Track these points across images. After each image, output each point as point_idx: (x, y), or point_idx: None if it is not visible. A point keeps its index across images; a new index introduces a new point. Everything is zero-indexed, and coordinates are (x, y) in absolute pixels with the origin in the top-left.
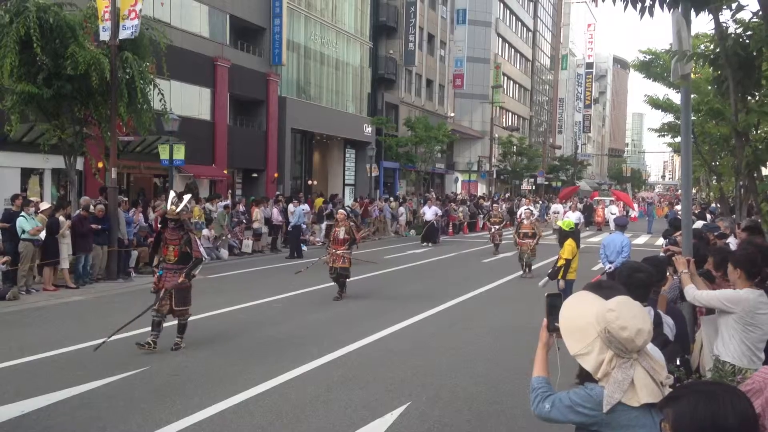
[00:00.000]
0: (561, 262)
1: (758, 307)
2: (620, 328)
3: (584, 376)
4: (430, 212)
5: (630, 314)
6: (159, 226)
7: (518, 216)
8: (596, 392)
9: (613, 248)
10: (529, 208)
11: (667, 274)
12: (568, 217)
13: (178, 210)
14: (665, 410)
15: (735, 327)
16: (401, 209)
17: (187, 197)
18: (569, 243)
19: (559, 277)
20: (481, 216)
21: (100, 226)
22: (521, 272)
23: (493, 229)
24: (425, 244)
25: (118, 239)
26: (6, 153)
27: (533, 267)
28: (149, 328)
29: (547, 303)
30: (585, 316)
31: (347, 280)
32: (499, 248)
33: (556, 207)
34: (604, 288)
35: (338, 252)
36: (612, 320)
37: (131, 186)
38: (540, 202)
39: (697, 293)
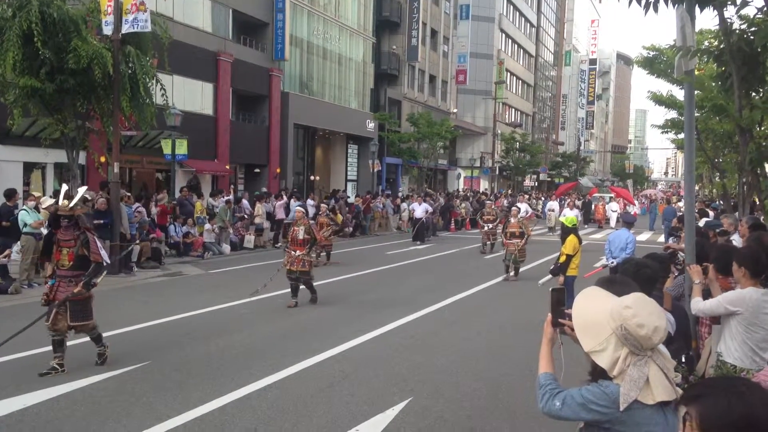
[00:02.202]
0: (562, 259)
1: (762, 307)
2: (637, 326)
3: (598, 374)
4: (420, 209)
5: (647, 312)
6: (49, 225)
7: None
8: (611, 390)
9: (617, 244)
10: (516, 206)
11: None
12: (566, 214)
13: (72, 204)
14: (688, 409)
15: (737, 328)
16: (403, 205)
17: (82, 189)
18: (571, 239)
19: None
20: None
21: (102, 221)
22: (504, 275)
23: (485, 228)
24: (417, 242)
25: (120, 234)
26: (8, 147)
27: (522, 269)
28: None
29: (552, 298)
30: (599, 312)
31: (314, 283)
32: (494, 247)
33: (551, 204)
34: (617, 283)
35: (297, 254)
36: (629, 317)
37: (134, 180)
38: (542, 198)
39: (701, 305)
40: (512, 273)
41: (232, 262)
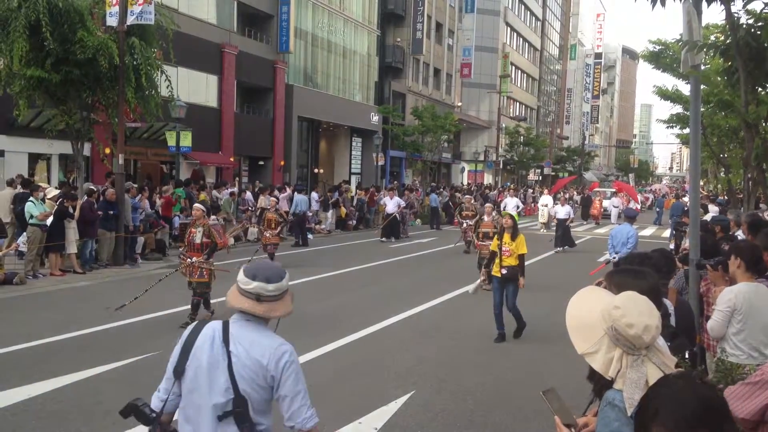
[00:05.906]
0: (512, 261)
1: (756, 298)
2: (627, 326)
3: (597, 378)
4: (391, 204)
5: (636, 311)
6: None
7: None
8: (620, 398)
9: (620, 239)
10: (488, 204)
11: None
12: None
13: None
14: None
15: (736, 325)
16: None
17: None
18: (522, 237)
19: (493, 273)
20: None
21: (112, 212)
22: (479, 279)
23: (464, 224)
24: (383, 239)
25: (124, 225)
26: (14, 138)
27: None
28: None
29: (548, 399)
30: (591, 314)
31: (209, 298)
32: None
33: (544, 199)
34: (639, 273)
35: (193, 261)
36: (618, 318)
37: (138, 172)
38: (544, 192)
39: (709, 326)
40: (483, 279)
41: (235, 254)
